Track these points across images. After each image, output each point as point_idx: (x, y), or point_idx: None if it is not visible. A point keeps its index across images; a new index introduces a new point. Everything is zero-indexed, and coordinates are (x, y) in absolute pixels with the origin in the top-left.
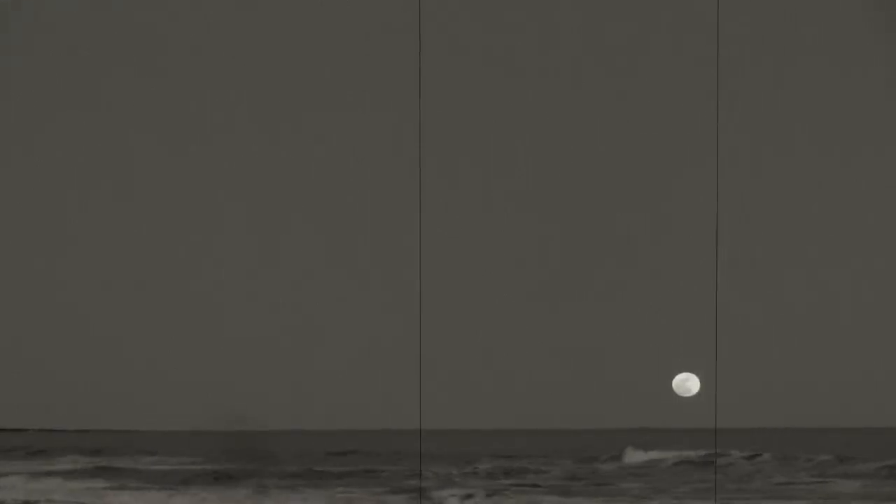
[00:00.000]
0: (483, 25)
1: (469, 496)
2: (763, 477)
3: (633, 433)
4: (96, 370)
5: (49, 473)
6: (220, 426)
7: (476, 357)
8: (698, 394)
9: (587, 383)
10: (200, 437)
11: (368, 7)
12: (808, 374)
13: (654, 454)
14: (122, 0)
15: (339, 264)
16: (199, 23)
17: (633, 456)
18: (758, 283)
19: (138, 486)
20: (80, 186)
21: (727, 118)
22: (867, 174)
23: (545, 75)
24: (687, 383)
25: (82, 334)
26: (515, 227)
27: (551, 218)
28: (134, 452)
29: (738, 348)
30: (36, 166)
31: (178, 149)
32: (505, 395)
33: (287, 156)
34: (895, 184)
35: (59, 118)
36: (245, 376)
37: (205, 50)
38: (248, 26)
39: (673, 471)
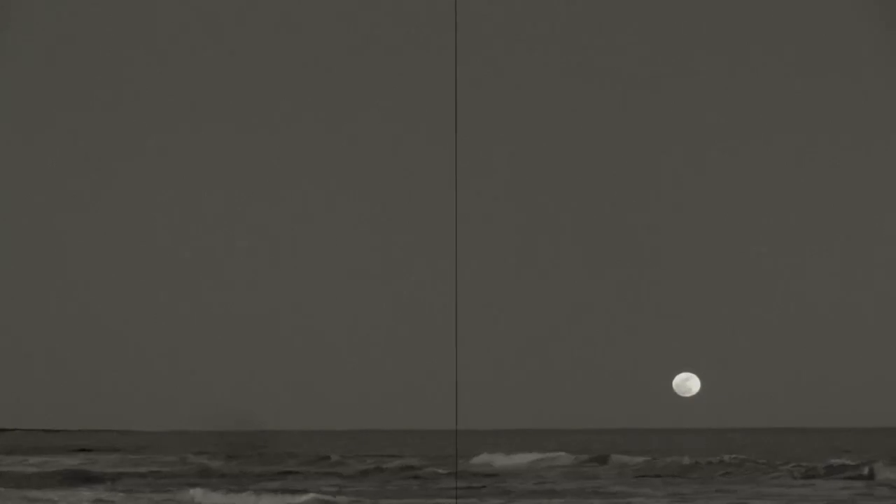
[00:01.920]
0: (518, 25)
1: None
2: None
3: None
4: (97, 370)
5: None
6: (227, 426)
7: (502, 359)
8: (698, 394)
9: (590, 383)
10: (203, 438)
11: (404, 7)
12: (797, 375)
13: (517, 457)
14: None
15: (372, 265)
16: (224, 24)
17: (490, 458)
18: (747, 285)
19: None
20: (80, 187)
21: (727, 119)
22: (871, 174)
23: (577, 77)
24: (687, 383)
25: (83, 335)
26: (540, 228)
27: (572, 219)
28: (133, 451)
29: (727, 349)
30: (36, 166)
31: (181, 147)
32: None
33: (306, 151)
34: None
35: (61, 118)
36: (255, 377)
37: (227, 50)
38: (278, 25)
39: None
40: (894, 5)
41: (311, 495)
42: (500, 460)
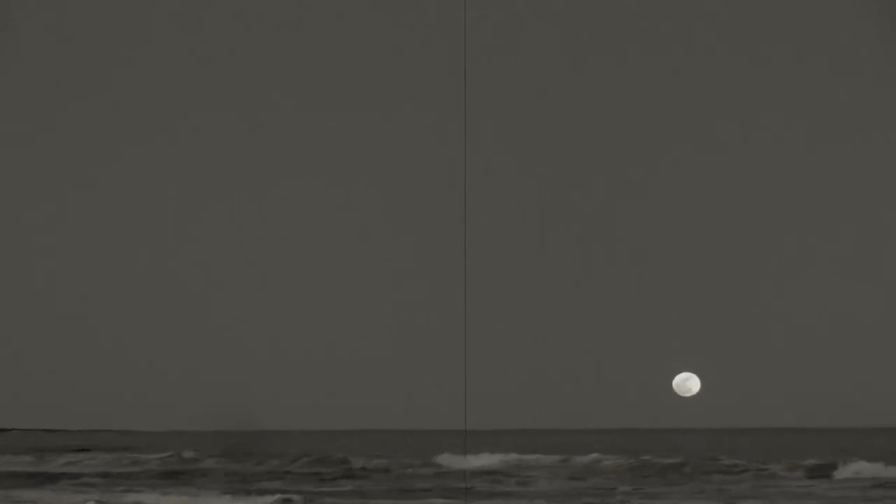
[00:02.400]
0: (527, 21)
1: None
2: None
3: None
4: (97, 370)
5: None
6: (229, 426)
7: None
8: (698, 394)
9: (589, 384)
10: (207, 437)
11: (414, 9)
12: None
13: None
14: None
15: (381, 267)
16: (226, 24)
17: (453, 459)
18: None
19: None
20: (80, 187)
21: (731, 120)
22: (871, 175)
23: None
24: (687, 383)
25: (82, 335)
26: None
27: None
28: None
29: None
30: (36, 166)
31: (183, 146)
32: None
33: (310, 150)
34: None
35: (61, 118)
36: (258, 378)
37: (226, 50)
38: (279, 23)
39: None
40: (895, 5)
41: (277, 496)
42: (460, 461)
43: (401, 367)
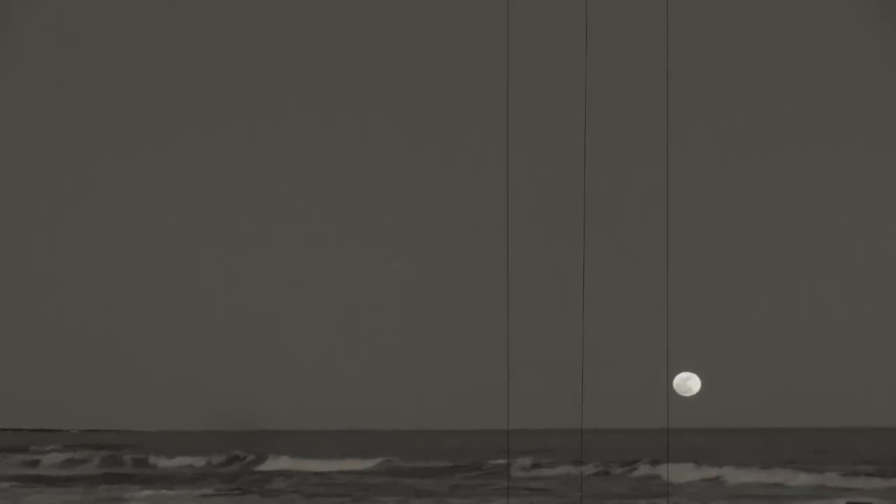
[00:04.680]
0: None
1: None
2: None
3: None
4: (97, 370)
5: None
6: (231, 426)
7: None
8: (699, 393)
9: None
10: (208, 437)
11: (457, 19)
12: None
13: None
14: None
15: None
16: (230, 26)
17: (276, 463)
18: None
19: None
20: (80, 188)
21: (734, 124)
22: (869, 180)
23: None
24: (687, 383)
25: (82, 336)
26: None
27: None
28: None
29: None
30: (36, 167)
31: (187, 148)
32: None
33: (314, 146)
34: (892, 188)
35: (61, 119)
36: (268, 378)
37: (223, 50)
38: (330, 36)
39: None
40: (895, 5)
41: None
42: (302, 464)
43: (441, 368)
